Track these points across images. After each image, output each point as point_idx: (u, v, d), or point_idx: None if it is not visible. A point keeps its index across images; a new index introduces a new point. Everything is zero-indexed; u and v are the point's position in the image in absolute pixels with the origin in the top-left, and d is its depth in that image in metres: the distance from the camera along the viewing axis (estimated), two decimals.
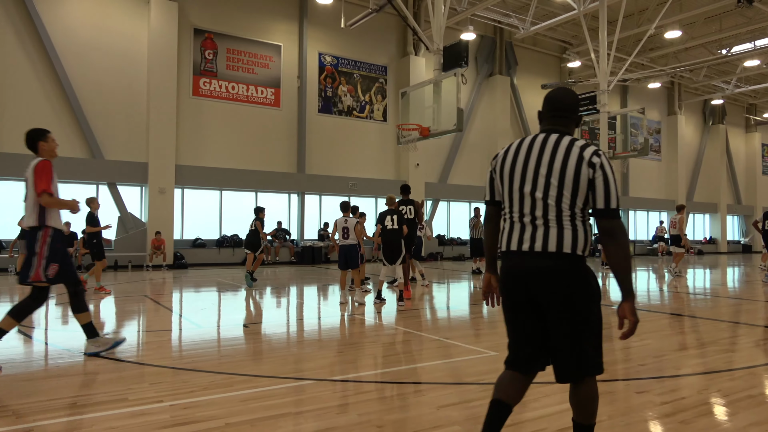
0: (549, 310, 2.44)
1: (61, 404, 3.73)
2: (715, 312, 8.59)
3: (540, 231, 2.43)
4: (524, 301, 2.50)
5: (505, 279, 2.56)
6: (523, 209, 2.48)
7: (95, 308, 8.60)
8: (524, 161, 2.50)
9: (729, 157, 34.71)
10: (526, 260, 2.45)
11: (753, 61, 25.07)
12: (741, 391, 4.15)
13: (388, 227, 8.66)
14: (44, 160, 4.89)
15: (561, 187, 2.40)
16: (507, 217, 2.57)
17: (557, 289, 2.40)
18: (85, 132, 15.93)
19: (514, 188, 2.52)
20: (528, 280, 2.45)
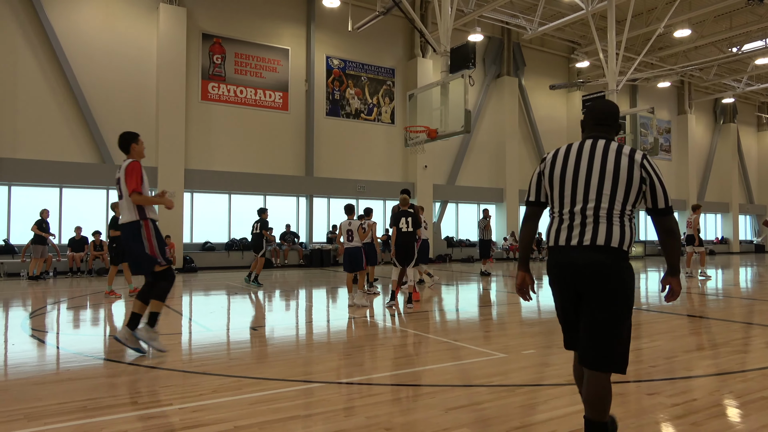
0: (587, 299, 2.65)
1: (71, 407, 3.76)
2: (727, 313, 8.50)
3: (589, 227, 2.64)
4: (571, 290, 2.74)
5: (554, 270, 2.79)
6: (575, 208, 2.69)
7: (107, 311, 8.67)
8: (575, 164, 2.72)
9: (741, 156, 34.35)
10: (574, 253, 2.66)
11: (764, 59, 24.78)
12: (754, 393, 4.10)
13: (403, 229, 8.63)
14: (134, 161, 5.32)
15: (614, 187, 2.62)
16: (556, 215, 2.79)
17: (599, 281, 2.61)
18: (95, 137, 16.07)
19: (566, 189, 2.73)
20: (574, 271, 2.67)
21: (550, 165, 2.82)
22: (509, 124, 23.93)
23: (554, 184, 2.79)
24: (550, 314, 8.20)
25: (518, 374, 4.71)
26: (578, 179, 2.68)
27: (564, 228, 2.72)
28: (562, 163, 2.76)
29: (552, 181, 2.80)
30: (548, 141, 25.93)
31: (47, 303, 9.52)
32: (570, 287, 2.73)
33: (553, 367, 5.01)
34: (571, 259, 2.67)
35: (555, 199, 2.79)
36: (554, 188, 2.79)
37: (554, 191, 2.79)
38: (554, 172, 2.79)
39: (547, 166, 2.83)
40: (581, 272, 2.64)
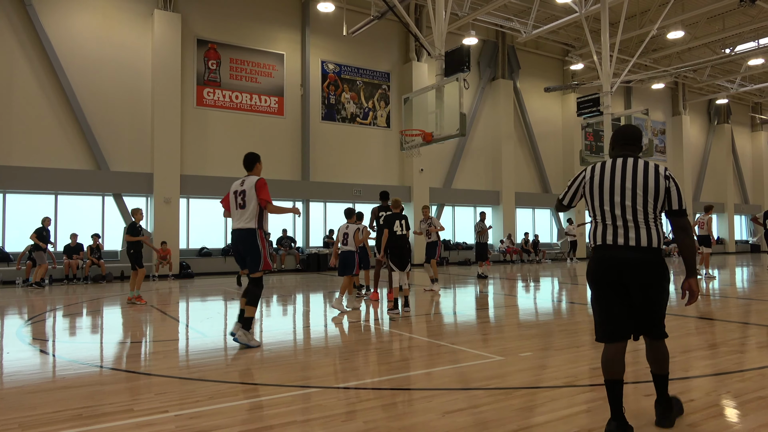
0: (637, 290, 3.22)
1: (66, 416, 3.73)
2: (724, 313, 8.51)
3: (632, 231, 3.22)
4: (616, 282, 3.24)
5: (603, 264, 3.28)
6: (614, 213, 3.25)
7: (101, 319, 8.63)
8: (611, 178, 3.28)
9: (735, 156, 34.51)
10: (622, 251, 3.22)
11: (757, 59, 24.95)
12: (752, 393, 4.10)
13: (398, 232, 8.57)
14: (262, 178, 6.42)
15: (645, 196, 3.19)
16: (599, 221, 3.34)
17: (645, 275, 3.21)
18: (91, 144, 16.03)
19: (604, 199, 3.28)
20: (621, 266, 3.22)
21: (590, 179, 3.38)
22: (505, 126, 23.98)
23: (594, 195, 3.33)
24: (547, 316, 8.20)
25: (516, 377, 4.70)
26: (615, 191, 3.25)
27: (609, 231, 3.27)
28: (599, 178, 3.33)
29: (592, 192, 3.35)
30: (544, 143, 26.00)
31: (44, 310, 9.47)
32: (617, 279, 3.22)
33: (550, 369, 5.01)
34: (619, 255, 3.22)
35: (597, 208, 3.34)
36: (594, 198, 3.34)
37: (594, 201, 3.34)
38: (594, 185, 3.34)
39: (587, 180, 3.40)
40: (631, 266, 3.19)
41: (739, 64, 27.35)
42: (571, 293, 11.84)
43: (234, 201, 6.36)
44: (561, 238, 26.20)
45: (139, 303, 10.03)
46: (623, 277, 3.21)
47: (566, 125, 26.59)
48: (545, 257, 24.41)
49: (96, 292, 12.48)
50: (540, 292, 12.16)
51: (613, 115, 18.53)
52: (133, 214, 10.42)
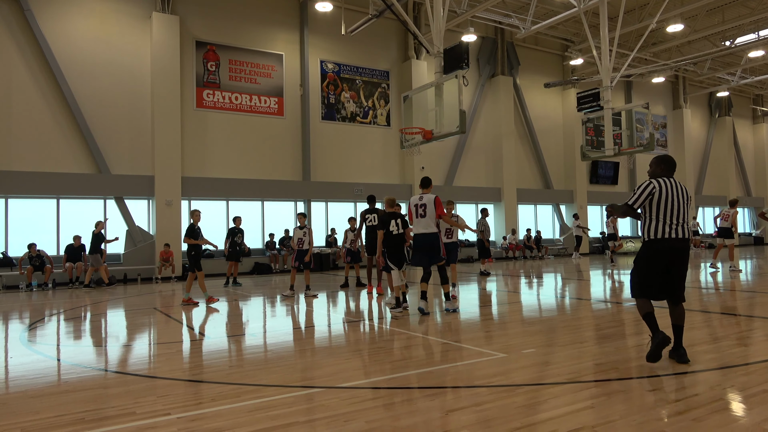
0: (676, 268, 4.84)
1: (69, 420, 3.73)
2: (728, 306, 8.48)
3: (680, 228, 4.83)
4: (666, 262, 4.82)
5: (659, 251, 4.84)
6: (674, 216, 4.82)
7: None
8: (670, 193, 4.84)
9: (737, 149, 34.39)
10: (673, 243, 4.80)
11: (757, 51, 24.84)
12: (756, 386, 4.08)
13: (393, 232, 8.57)
14: (437, 196, 8.08)
15: (687, 206, 4.89)
16: (661, 220, 4.85)
17: (684, 257, 4.86)
18: (91, 147, 16.05)
19: (668, 206, 4.82)
20: (671, 252, 4.81)
21: (659, 192, 4.84)
22: (505, 123, 23.94)
23: (661, 203, 4.83)
24: (550, 313, 8.18)
25: (519, 374, 4.68)
26: (675, 202, 4.83)
27: (667, 228, 4.82)
28: (666, 192, 4.84)
29: (660, 201, 4.83)
30: (545, 139, 25.95)
31: (47, 314, 9.48)
32: (666, 261, 4.83)
33: (553, 366, 4.99)
34: (671, 246, 4.80)
35: (661, 212, 4.84)
36: (661, 206, 4.83)
37: (661, 207, 4.83)
38: (662, 196, 4.83)
39: (656, 193, 4.85)
40: (675, 253, 4.81)
41: (740, 57, 27.24)
42: (574, 289, 11.81)
43: (415, 212, 8.03)
44: (566, 233, 26.16)
45: (191, 305, 9.98)
46: (670, 259, 4.83)
47: (567, 121, 26.53)
48: (547, 253, 24.37)
49: (99, 296, 12.49)
50: (543, 289, 12.13)
51: (613, 110, 18.48)
52: (191, 216, 10.43)
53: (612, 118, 18.28)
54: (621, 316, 7.60)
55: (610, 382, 4.31)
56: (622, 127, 19.16)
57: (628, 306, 8.58)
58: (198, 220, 10.41)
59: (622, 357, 5.16)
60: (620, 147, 18.82)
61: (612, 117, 18.28)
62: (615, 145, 18.45)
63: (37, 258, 14.42)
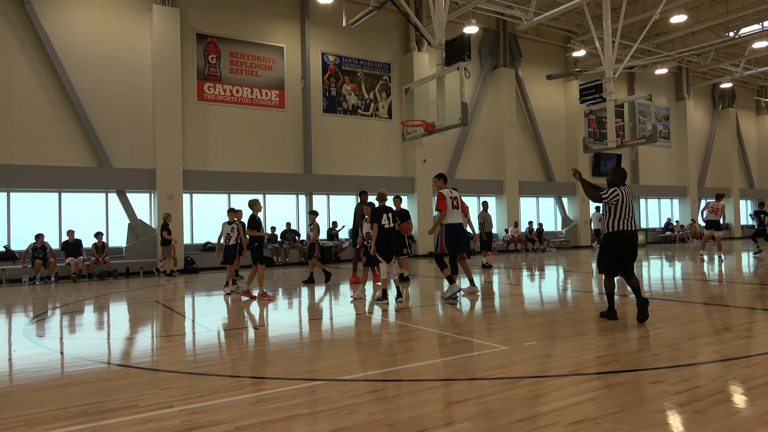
0: (629, 252, 6.47)
1: (72, 413, 3.74)
2: (730, 298, 8.47)
3: (631, 223, 6.44)
4: (624, 248, 6.41)
5: (618, 241, 6.44)
6: (627, 215, 6.43)
7: (107, 316, 8.65)
8: (626, 198, 6.44)
9: (740, 140, 34.22)
10: (627, 234, 6.40)
11: (762, 42, 24.61)
12: (758, 378, 4.07)
13: (385, 225, 8.66)
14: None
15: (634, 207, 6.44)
16: (620, 218, 6.42)
17: (634, 245, 6.49)
18: (93, 141, 16.04)
19: (625, 208, 6.43)
20: (626, 240, 6.41)
21: (620, 198, 6.44)
22: (507, 115, 23.84)
23: (620, 206, 6.44)
24: (552, 305, 8.18)
25: (520, 366, 4.68)
26: (628, 205, 6.48)
27: (624, 223, 6.43)
28: (624, 197, 6.47)
29: (620, 204, 6.44)
30: (547, 131, 25.86)
31: (51, 307, 9.51)
32: (624, 248, 6.46)
33: (555, 358, 4.99)
34: (627, 235, 6.43)
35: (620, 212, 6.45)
36: (620, 207, 6.44)
37: (620, 208, 6.44)
38: (622, 201, 6.44)
39: (620, 199, 6.44)
40: (629, 240, 6.45)
41: (744, 48, 27.04)
42: (576, 282, 11.81)
43: (451, 204, 8.59)
44: (567, 225, 26.11)
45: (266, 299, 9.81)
46: (627, 247, 6.47)
47: (569, 113, 26.42)
48: (549, 246, 24.35)
49: (101, 289, 12.53)
50: (545, 281, 12.13)
51: (616, 102, 18.38)
52: (251, 206, 9.96)
53: (615, 109, 18.18)
54: (623, 309, 7.59)
55: (612, 374, 4.31)
56: (625, 118, 19.06)
57: (631, 298, 8.59)
58: (259, 210, 10.01)
59: (623, 349, 5.16)
60: (623, 139, 18.73)
61: (615, 109, 18.17)
62: (617, 137, 18.36)
63: (41, 250, 14.45)
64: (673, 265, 15.32)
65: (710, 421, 3.25)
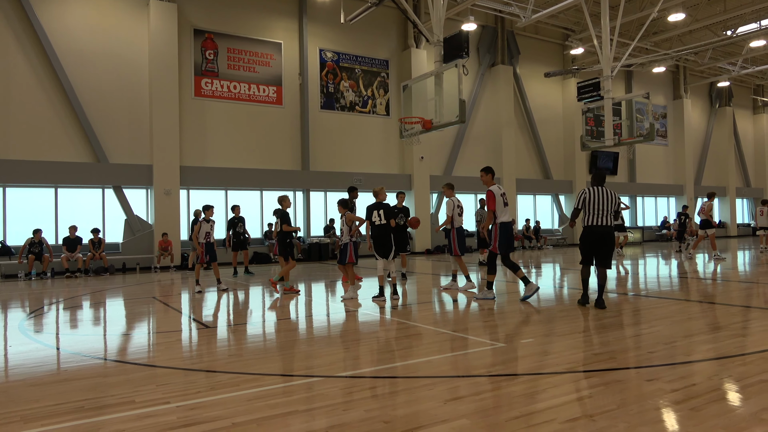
0: (602, 244, 7.38)
1: (68, 408, 3.73)
2: (726, 296, 8.50)
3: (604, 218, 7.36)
4: (595, 240, 7.37)
5: (592, 236, 7.42)
6: (599, 212, 7.33)
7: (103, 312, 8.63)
8: (596, 197, 7.35)
9: (737, 139, 34.31)
10: (598, 228, 7.36)
11: (759, 41, 24.67)
12: (753, 376, 4.09)
13: (376, 222, 8.66)
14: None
15: (610, 205, 7.37)
16: (591, 214, 7.34)
17: (605, 238, 7.39)
18: (89, 136, 15.98)
19: (595, 205, 7.32)
20: (597, 234, 7.37)
21: (588, 197, 7.37)
22: (505, 113, 23.84)
23: (590, 204, 7.35)
24: (549, 302, 8.20)
25: (517, 363, 4.69)
26: (599, 203, 7.32)
27: (595, 219, 7.34)
28: (592, 195, 7.35)
29: (589, 202, 7.36)
30: (544, 129, 25.87)
31: (47, 303, 9.49)
32: (597, 240, 7.37)
33: (552, 355, 5.00)
34: (597, 230, 7.34)
35: (591, 208, 7.36)
36: (590, 205, 7.34)
37: (590, 206, 7.35)
38: (591, 199, 7.35)
39: (587, 197, 7.38)
40: (600, 234, 7.34)
41: (741, 46, 27.10)
42: (573, 279, 11.83)
43: (502, 201, 8.18)
44: (564, 223, 26.16)
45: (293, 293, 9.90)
46: (600, 239, 7.38)
47: (567, 110, 26.43)
48: (546, 243, 24.39)
49: (98, 285, 12.51)
50: (542, 278, 12.15)
51: (613, 100, 18.41)
52: (281, 201, 10.02)
53: (612, 107, 18.21)
54: (620, 307, 7.61)
55: (609, 371, 4.32)
56: (622, 117, 19.10)
57: (629, 296, 8.61)
58: (288, 206, 10.08)
59: (620, 347, 5.18)
60: (620, 137, 18.77)
61: (612, 107, 18.21)
62: (615, 135, 18.40)
63: (38, 245, 14.40)
64: (669, 263, 15.36)
65: (706, 419, 3.27)
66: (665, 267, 14.21)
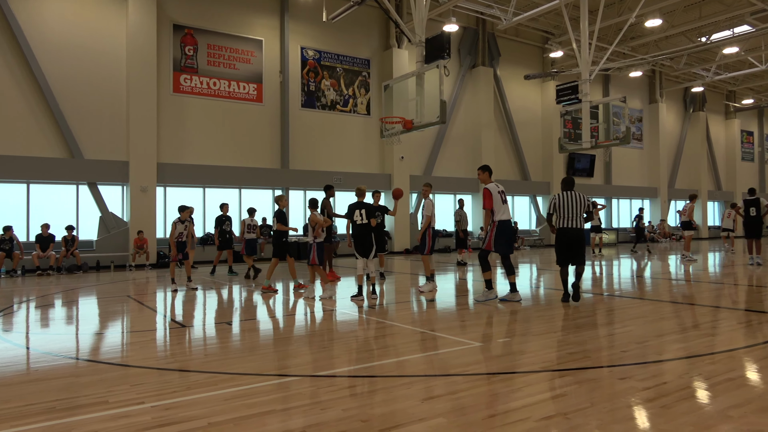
0: (573, 245, 7.88)
1: (39, 409, 3.66)
2: (696, 297, 8.70)
3: (574, 221, 7.87)
4: (567, 242, 7.87)
5: (564, 238, 7.91)
6: (569, 215, 7.85)
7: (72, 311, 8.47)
8: (566, 201, 7.87)
9: (709, 143, 35.12)
10: (568, 231, 7.87)
11: (731, 48, 25.31)
12: (721, 375, 4.20)
13: (357, 222, 8.67)
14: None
15: (580, 209, 7.88)
16: (562, 217, 7.87)
17: (576, 239, 7.88)
18: (64, 131, 15.65)
19: (566, 209, 7.85)
20: (568, 236, 7.87)
21: (558, 201, 7.90)
22: (485, 114, 24.03)
23: (561, 208, 7.88)
24: (525, 302, 8.29)
25: (493, 362, 4.74)
26: (569, 207, 7.85)
27: (566, 222, 7.85)
28: (564, 199, 7.88)
29: (560, 207, 7.88)
30: (523, 131, 26.14)
31: (17, 301, 9.28)
32: (571, 242, 7.86)
33: (527, 354, 5.07)
34: (567, 232, 7.87)
35: (562, 212, 7.88)
36: (561, 209, 7.87)
37: (561, 210, 7.88)
38: (561, 204, 7.88)
39: (557, 202, 7.91)
40: (571, 235, 7.86)
41: (715, 53, 27.73)
42: (549, 279, 11.99)
43: (500, 198, 8.11)
44: (542, 224, 26.47)
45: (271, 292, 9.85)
46: (573, 241, 7.86)
47: (545, 113, 26.75)
48: (524, 244, 24.65)
49: (71, 283, 12.27)
50: (518, 279, 12.27)
51: (591, 103, 18.68)
52: (278, 201, 10.01)
53: (590, 111, 18.48)
54: (595, 307, 7.74)
55: (583, 370, 4.39)
56: (600, 120, 19.39)
57: (604, 296, 8.76)
58: (285, 206, 10.10)
59: (594, 346, 5.27)
60: (597, 140, 19.06)
61: (590, 110, 18.48)
62: (592, 138, 18.67)
63: (9, 242, 14.06)
64: (642, 264, 15.65)
65: (676, 416, 3.35)
66: (639, 268, 14.48)
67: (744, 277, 11.28)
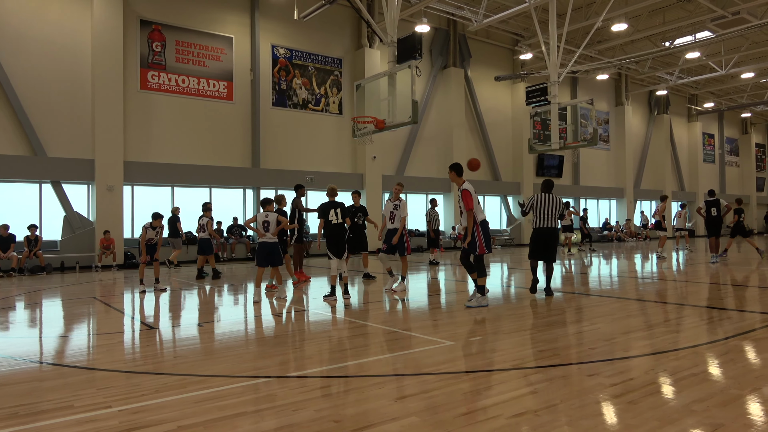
0: (547, 244, 8.63)
1: (0, 415, 3.54)
2: (661, 294, 8.94)
3: (548, 221, 8.62)
4: (541, 240, 8.64)
5: (537, 233, 8.70)
6: (544, 215, 8.61)
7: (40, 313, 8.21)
8: (543, 202, 8.61)
9: (673, 145, 36.15)
10: (543, 230, 8.63)
11: (694, 53, 26.13)
12: (686, 370, 4.33)
13: (333, 221, 8.59)
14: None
15: (555, 210, 8.62)
16: (538, 217, 8.63)
17: (550, 238, 8.66)
18: (26, 128, 15.16)
19: (542, 210, 8.60)
20: (543, 234, 8.64)
21: (536, 202, 8.62)
22: (456, 114, 24.22)
23: (537, 208, 8.62)
24: (496, 302, 8.39)
25: (466, 361, 4.79)
26: (545, 208, 8.60)
27: (541, 222, 8.62)
28: (541, 200, 8.61)
29: (537, 207, 8.61)
30: (494, 132, 26.44)
31: None
32: (544, 239, 8.62)
33: (499, 352, 5.13)
34: (542, 231, 8.63)
35: (538, 212, 8.63)
36: (538, 209, 8.62)
37: (538, 210, 8.63)
38: (538, 204, 8.61)
39: (535, 202, 8.62)
40: (545, 234, 8.63)
41: (678, 57, 28.55)
42: (520, 278, 12.16)
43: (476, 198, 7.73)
44: (512, 224, 26.81)
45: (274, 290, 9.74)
46: (547, 238, 8.58)
47: (515, 114, 27.12)
48: (495, 243, 24.95)
49: (33, 284, 11.89)
50: (490, 278, 12.42)
51: (560, 105, 19.01)
52: (278, 201, 9.87)
53: (558, 112, 18.81)
54: (562, 305, 7.88)
55: (552, 368, 4.47)
56: (568, 121, 19.75)
57: (575, 295, 8.93)
58: (285, 205, 10.16)
59: (563, 344, 5.36)
60: (565, 141, 19.41)
61: (558, 111, 18.80)
62: (560, 139, 19.00)
63: None
64: (609, 263, 16.01)
65: (642, 411, 3.43)
66: (605, 266, 14.80)
67: (706, 275, 11.65)
